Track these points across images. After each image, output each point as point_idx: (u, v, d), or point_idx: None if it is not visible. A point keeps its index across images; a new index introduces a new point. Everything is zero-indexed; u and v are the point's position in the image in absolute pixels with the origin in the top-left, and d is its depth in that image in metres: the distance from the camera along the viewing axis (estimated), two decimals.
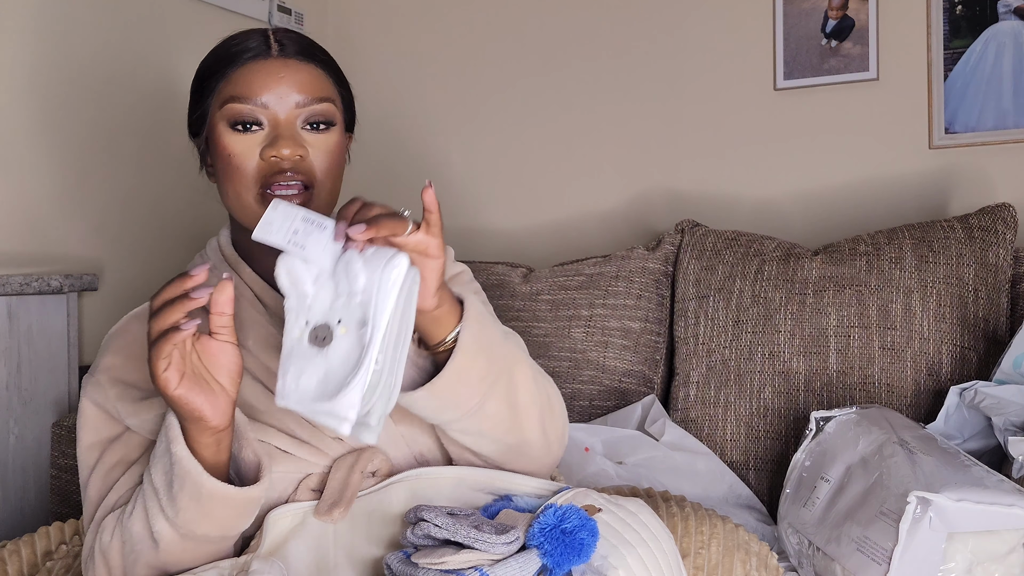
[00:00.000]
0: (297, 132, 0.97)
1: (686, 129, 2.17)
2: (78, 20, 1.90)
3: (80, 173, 1.91)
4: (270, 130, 0.97)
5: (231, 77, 0.98)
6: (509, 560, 0.83)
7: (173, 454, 0.84)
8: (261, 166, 0.97)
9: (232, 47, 1.00)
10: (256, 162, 0.97)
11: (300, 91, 0.98)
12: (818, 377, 1.66)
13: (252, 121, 0.97)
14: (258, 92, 0.97)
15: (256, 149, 0.97)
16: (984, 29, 1.89)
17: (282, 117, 0.97)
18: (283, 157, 0.96)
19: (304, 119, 0.98)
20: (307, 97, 0.98)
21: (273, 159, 0.96)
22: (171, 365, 0.80)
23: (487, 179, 2.39)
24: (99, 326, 1.90)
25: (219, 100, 0.99)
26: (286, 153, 0.95)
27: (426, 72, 2.46)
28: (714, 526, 1.10)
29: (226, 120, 0.98)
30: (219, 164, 0.99)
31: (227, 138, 0.97)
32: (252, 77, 0.97)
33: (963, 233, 1.68)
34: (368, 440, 0.80)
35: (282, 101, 0.97)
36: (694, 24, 2.16)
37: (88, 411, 1.00)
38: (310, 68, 1.00)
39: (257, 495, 0.88)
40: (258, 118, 0.97)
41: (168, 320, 0.79)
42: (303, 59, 1.00)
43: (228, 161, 0.97)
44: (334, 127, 1.00)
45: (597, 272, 1.92)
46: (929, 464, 1.20)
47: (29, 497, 1.75)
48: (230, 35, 1.02)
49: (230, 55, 1.00)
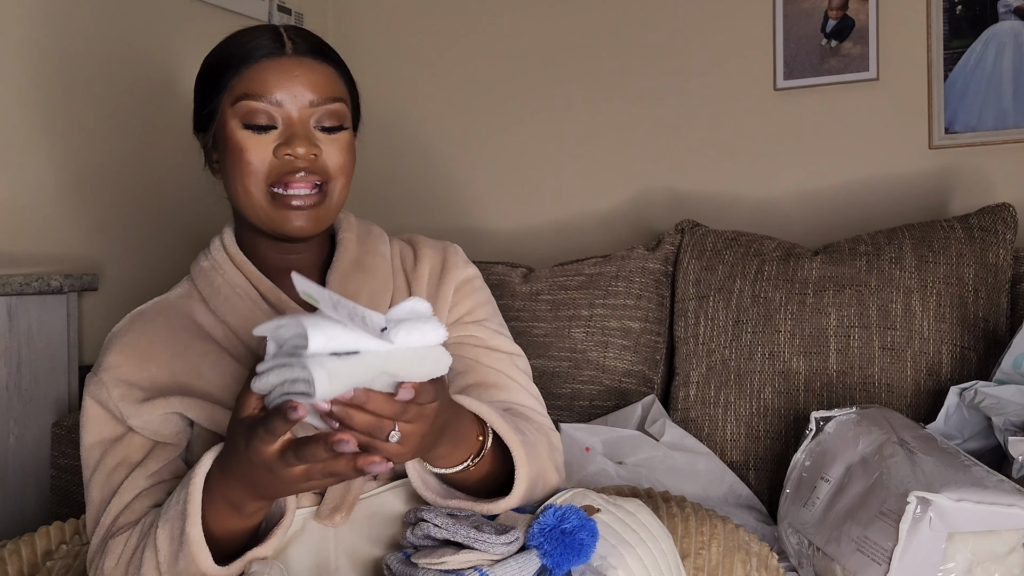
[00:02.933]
0: (311, 131, 0.98)
1: (686, 129, 2.17)
2: (78, 21, 1.90)
3: (80, 173, 1.91)
4: (284, 128, 0.97)
5: (244, 74, 0.98)
6: (509, 560, 0.83)
7: (187, 535, 0.84)
8: (274, 164, 0.97)
9: (245, 43, 1.00)
10: (268, 160, 0.97)
11: (314, 91, 0.98)
12: (818, 377, 1.66)
13: (266, 118, 0.97)
14: (272, 90, 0.97)
15: (269, 146, 0.97)
16: (984, 29, 1.89)
17: (295, 116, 0.97)
18: (298, 156, 0.96)
19: (317, 119, 0.98)
20: (320, 97, 0.98)
21: (287, 157, 0.96)
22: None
23: (487, 179, 2.39)
24: (99, 326, 1.90)
25: (231, 96, 0.98)
26: (301, 152, 0.96)
27: (426, 72, 2.46)
28: (714, 527, 1.10)
29: (239, 117, 0.97)
30: (229, 160, 0.99)
31: (239, 134, 0.97)
32: (267, 75, 0.97)
33: (963, 233, 1.68)
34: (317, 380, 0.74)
35: (296, 100, 0.97)
36: (694, 24, 2.16)
37: (91, 410, 1.00)
38: (323, 67, 1.00)
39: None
40: (272, 116, 0.97)
41: (330, 468, 0.77)
42: (316, 58, 1.00)
43: (240, 157, 0.97)
44: (345, 128, 1.01)
45: (597, 272, 1.92)
46: (929, 464, 1.20)
47: (29, 497, 1.75)
48: (239, 30, 1.02)
49: (244, 51, 0.99)
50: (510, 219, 2.36)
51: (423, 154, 2.46)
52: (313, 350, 0.72)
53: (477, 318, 1.09)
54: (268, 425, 0.74)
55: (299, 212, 0.97)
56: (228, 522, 0.85)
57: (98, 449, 0.98)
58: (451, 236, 1.15)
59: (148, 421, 0.97)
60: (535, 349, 1.87)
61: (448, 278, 1.09)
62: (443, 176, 2.44)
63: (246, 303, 1.01)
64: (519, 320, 1.91)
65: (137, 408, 0.97)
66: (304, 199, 0.97)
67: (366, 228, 1.11)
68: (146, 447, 0.98)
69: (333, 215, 1.01)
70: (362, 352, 0.73)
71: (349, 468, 0.75)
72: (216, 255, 1.06)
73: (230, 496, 0.83)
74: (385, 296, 1.06)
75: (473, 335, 1.08)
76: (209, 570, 0.84)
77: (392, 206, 2.43)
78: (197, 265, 1.07)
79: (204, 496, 0.84)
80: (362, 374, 0.73)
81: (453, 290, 1.08)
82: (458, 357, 1.07)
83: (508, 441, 0.91)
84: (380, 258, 1.08)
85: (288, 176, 0.96)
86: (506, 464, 0.95)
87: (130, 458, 0.97)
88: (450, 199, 2.43)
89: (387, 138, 2.46)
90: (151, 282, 1.98)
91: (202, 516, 0.84)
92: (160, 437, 0.98)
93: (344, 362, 0.72)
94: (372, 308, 1.04)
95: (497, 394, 1.05)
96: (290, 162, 0.96)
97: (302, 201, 0.97)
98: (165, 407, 0.97)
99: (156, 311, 1.05)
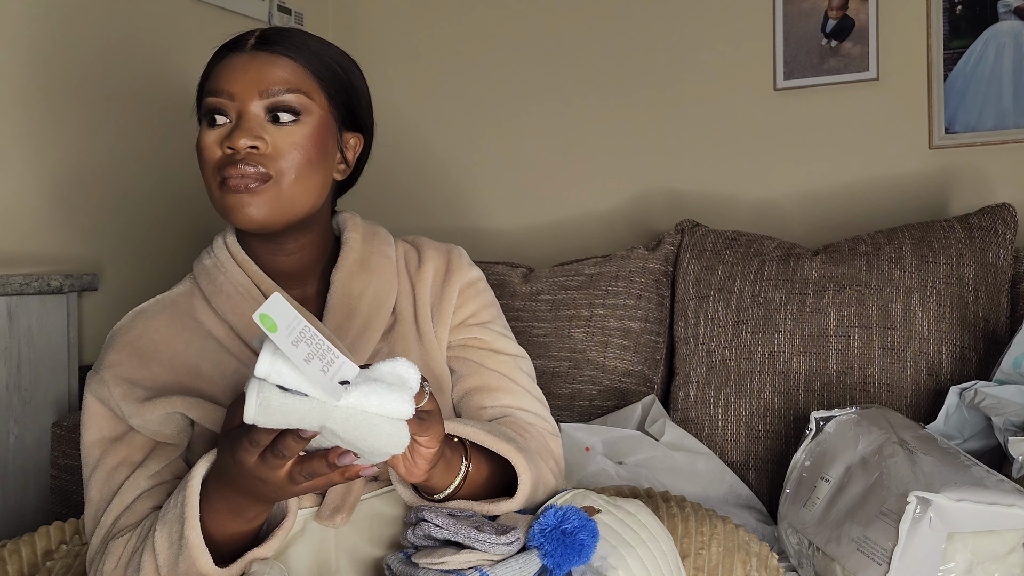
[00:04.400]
0: (259, 124, 0.96)
1: (686, 129, 2.17)
2: (79, 21, 1.90)
3: (80, 173, 1.91)
4: (235, 122, 0.97)
5: (210, 73, 1.01)
6: (509, 560, 0.83)
7: (186, 538, 0.84)
8: (220, 156, 0.97)
9: (221, 45, 1.02)
10: (218, 153, 0.97)
11: (265, 83, 0.97)
12: (818, 377, 1.66)
13: (219, 113, 0.97)
14: (225, 84, 0.97)
15: (221, 141, 0.97)
16: (984, 29, 1.89)
17: (247, 109, 0.96)
18: (237, 148, 0.95)
19: (267, 109, 0.97)
20: (272, 88, 0.97)
21: (229, 150, 0.96)
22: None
23: (487, 179, 2.39)
24: (99, 326, 1.90)
25: (202, 95, 1.01)
26: (240, 143, 0.95)
27: (426, 72, 2.46)
28: (714, 527, 1.10)
29: (202, 113, 1.00)
30: (198, 155, 1.00)
31: (201, 131, 0.99)
32: (222, 71, 0.99)
33: (963, 233, 1.68)
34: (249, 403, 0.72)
35: (246, 92, 0.96)
36: (694, 24, 2.16)
37: (91, 408, 0.99)
38: (282, 60, 0.98)
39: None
40: (224, 110, 0.97)
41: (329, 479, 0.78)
42: (276, 52, 0.99)
43: (199, 151, 0.99)
44: (304, 120, 0.98)
45: (597, 272, 1.92)
46: (929, 464, 1.20)
47: (29, 497, 1.75)
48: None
49: (216, 53, 1.02)
50: (510, 219, 2.36)
51: (423, 154, 2.46)
52: (258, 374, 0.69)
53: (481, 320, 1.09)
54: (274, 449, 0.75)
55: (239, 202, 0.95)
56: (228, 526, 0.85)
57: (98, 448, 0.98)
58: (451, 236, 1.15)
59: (149, 421, 0.97)
60: (535, 349, 1.87)
61: (452, 280, 1.08)
62: (443, 176, 2.44)
63: (248, 302, 1.01)
64: (519, 320, 1.91)
65: (139, 407, 0.97)
66: (242, 188, 0.95)
67: (371, 229, 1.11)
68: (147, 447, 0.97)
69: (289, 207, 0.97)
70: (309, 396, 0.70)
71: (340, 476, 0.77)
72: (219, 253, 1.05)
73: (229, 501, 0.83)
74: (390, 296, 1.06)
75: (477, 337, 1.08)
76: (209, 572, 0.84)
77: (392, 206, 2.43)
78: (199, 263, 1.07)
79: (203, 500, 0.84)
80: (297, 419, 0.70)
81: (457, 292, 1.08)
82: (462, 360, 1.07)
83: (504, 452, 0.92)
84: (386, 259, 1.08)
85: (228, 168, 0.95)
86: (504, 472, 0.95)
87: (131, 458, 0.97)
88: (450, 199, 2.43)
89: (387, 138, 2.45)
90: (151, 282, 1.98)
91: (201, 519, 0.84)
92: (161, 437, 0.98)
93: (284, 399, 0.70)
94: (377, 309, 1.04)
95: (500, 398, 1.05)
96: (231, 154, 0.96)
97: (240, 190, 0.95)
98: (167, 407, 0.96)
99: (158, 309, 1.05)
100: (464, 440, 0.93)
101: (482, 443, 0.92)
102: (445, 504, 0.91)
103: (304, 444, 0.73)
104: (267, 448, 0.75)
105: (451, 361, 1.08)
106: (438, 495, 0.91)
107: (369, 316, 1.03)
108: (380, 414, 0.71)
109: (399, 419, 0.72)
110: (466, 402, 1.06)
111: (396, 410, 0.71)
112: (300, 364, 0.67)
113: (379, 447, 0.72)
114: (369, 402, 0.70)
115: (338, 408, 0.70)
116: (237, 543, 0.88)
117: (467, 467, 0.91)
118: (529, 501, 0.94)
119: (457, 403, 1.07)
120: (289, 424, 0.70)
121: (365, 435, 0.71)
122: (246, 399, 0.70)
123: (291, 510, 0.90)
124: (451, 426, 0.92)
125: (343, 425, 0.70)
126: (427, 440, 0.81)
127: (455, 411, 1.07)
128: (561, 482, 1.05)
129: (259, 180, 0.95)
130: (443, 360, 1.07)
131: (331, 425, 0.70)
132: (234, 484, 0.81)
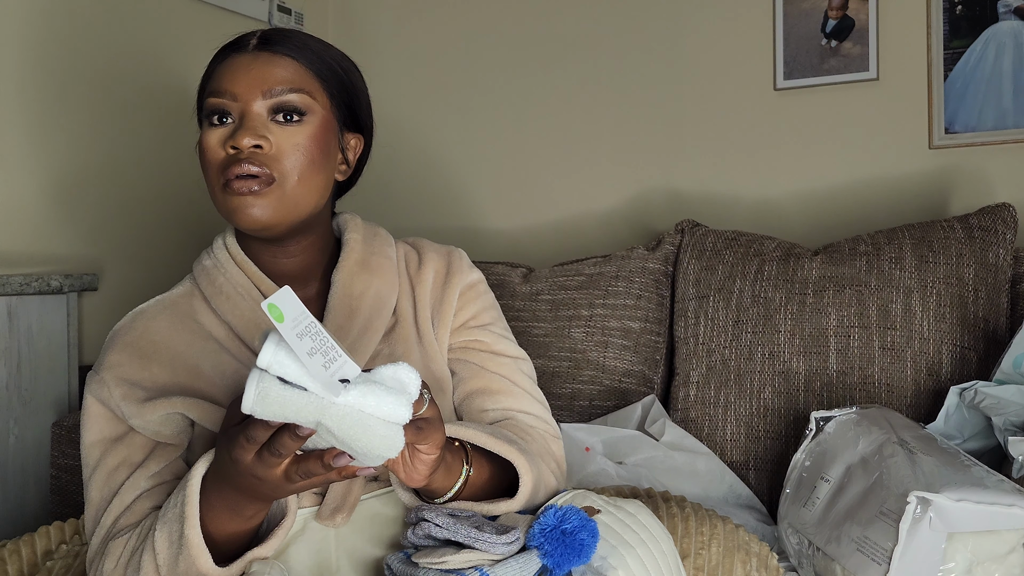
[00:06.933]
0: (262, 124, 0.96)
1: (686, 129, 2.17)
2: (79, 21, 1.90)
3: (80, 173, 1.91)
4: (237, 122, 0.97)
5: (212, 73, 1.00)
6: (509, 560, 0.83)
7: (186, 537, 0.84)
8: (223, 156, 0.96)
9: (222, 46, 1.02)
10: (222, 154, 0.96)
11: (268, 82, 0.96)
12: (818, 377, 1.66)
13: (222, 113, 0.97)
14: (228, 85, 0.97)
15: (224, 141, 0.96)
16: (984, 29, 1.89)
17: (250, 109, 0.96)
18: (240, 147, 0.95)
19: (270, 109, 0.97)
20: (275, 88, 0.96)
21: (232, 150, 0.95)
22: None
23: (487, 179, 2.39)
24: (99, 326, 1.90)
25: (203, 96, 1.01)
26: (244, 143, 0.94)
27: (426, 72, 2.46)
28: (714, 527, 1.10)
29: (204, 114, 0.99)
30: (199, 156, 1.00)
31: (203, 132, 0.99)
32: (225, 71, 0.98)
33: (963, 233, 1.68)
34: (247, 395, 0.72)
35: (250, 92, 0.96)
36: (694, 24, 2.16)
37: (92, 408, 0.99)
38: (285, 61, 0.98)
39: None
40: (227, 110, 0.97)
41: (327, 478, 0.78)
42: (279, 52, 0.99)
43: (202, 152, 0.98)
44: (308, 120, 0.98)
45: (597, 272, 1.92)
46: (929, 464, 1.20)
47: (29, 497, 1.75)
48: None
49: (218, 54, 1.01)
50: (510, 219, 2.36)
51: (423, 154, 2.46)
52: (260, 364, 0.70)
53: (482, 322, 1.09)
54: (271, 447, 0.75)
55: (243, 204, 0.94)
56: (227, 524, 0.85)
57: (98, 448, 0.98)
58: (451, 236, 1.15)
59: (150, 421, 0.97)
60: (535, 349, 1.87)
61: (453, 282, 1.08)
62: (443, 176, 2.44)
63: (248, 303, 1.01)
64: (519, 320, 1.91)
65: (139, 408, 0.97)
66: (245, 190, 0.94)
67: (372, 230, 1.11)
68: (147, 447, 0.97)
69: (292, 209, 0.97)
70: (308, 391, 0.70)
71: (337, 475, 0.77)
72: (218, 254, 1.05)
73: (228, 500, 0.84)
74: (391, 297, 1.06)
75: (478, 339, 1.08)
76: (209, 571, 0.84)
77: (392, 206, 2.43)
78: (199, 264, 1.07)
79: (202, 499, 0.85)
80: (294, 412, 0.70)
81: (458, 295, 1.08)
82: (463, 363, 1.07)
83: (505, 454, 0.92)
84: (387, 260, 1.08)
85: (232, 168, 0.95)
86: (505, 473, 0.95)
87: (131, 458, 0.97)
88: (450, 199, 2.43)
89: (387, 138, 2.45)
90: (151, 282, 1.98)
91: (201, 518, 0.84)
92: (161, 437, 0.98)
93: (283, 390, 0.70)
94: (378, 310, 1.04)
95: (501, 400, 1.05)
96: (234, 154, 0.95)
97: (243, 192, 0.94)
98: (167, 407, 0.96)
99: (158, 309, 1.04)
100: (465, 444, 0.93)
101: (484, 446, 0.92)
102: (446, 505, 0.91)
103: (300, 443, 0.73)
104: (264, 446, 0.75)
105: (452, 364, 1.08)
106: (439, 499, 0.91)
107: (370, 317, 1.03)
108: (376, 415, 0.71)
109: (395, 423, 0.72)
110: (467, 405, 1.06)
111: (392, 413, 0.71)
112: (303, 357, 0.68)
113: (373, 449, 0.72)
114: (366, 402, 0.70)
115: (335, 405, 0.70)
116: (237, 542, 0.88)
117: (468, 471, 0.91)
118: (529, 502, 0.94)
119: (458, 406, 1.07)
120: (286, 417, 0.71)
121: (359, 435, 0.71)
122: (245, 389, 0.70)
123: (291, 509, 0.90)
124: (452, 429, 0.92)
125: (339, 423, 0.70)
126: (427, 447, 0.81)
127: (456, 414, 1.07)
128: (562, 483, 1.05)
129: (263, 182, 0.95)
130: (443, 362, 1.06)
131: (327, 422, 0.70)
132: (232, 482, 0.81)
